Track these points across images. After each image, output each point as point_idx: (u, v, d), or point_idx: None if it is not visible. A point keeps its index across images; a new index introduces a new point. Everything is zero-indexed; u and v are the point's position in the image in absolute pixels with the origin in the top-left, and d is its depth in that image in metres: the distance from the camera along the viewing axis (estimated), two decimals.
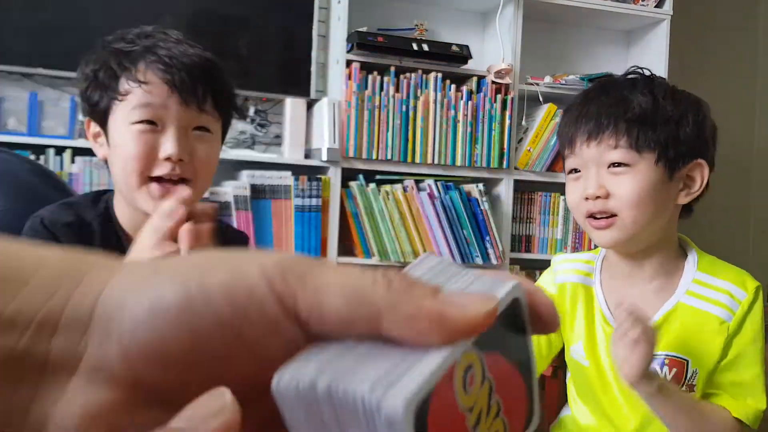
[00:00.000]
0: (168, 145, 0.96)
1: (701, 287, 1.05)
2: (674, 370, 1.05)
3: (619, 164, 1.03)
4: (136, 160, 0.96)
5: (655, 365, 1.05)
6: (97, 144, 1.04)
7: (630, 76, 1.10)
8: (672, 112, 1.03)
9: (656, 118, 1.02)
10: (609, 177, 1.04)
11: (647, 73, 1.12)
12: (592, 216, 1.05)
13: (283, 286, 0.25)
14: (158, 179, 0.98)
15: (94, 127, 1.03)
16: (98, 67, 0.99)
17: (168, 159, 0.96)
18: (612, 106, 1.03)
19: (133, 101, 0.96)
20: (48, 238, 1.01)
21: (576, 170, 1.08)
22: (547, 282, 1.20)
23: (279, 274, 0.25)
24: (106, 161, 1.04)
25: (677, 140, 1.03)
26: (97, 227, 1.04)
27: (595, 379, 1.11)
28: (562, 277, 1.18)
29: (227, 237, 1.15)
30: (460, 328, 0.25)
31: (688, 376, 1.05)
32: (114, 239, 1.05)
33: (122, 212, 1.05)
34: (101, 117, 1.01)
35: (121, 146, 0.98)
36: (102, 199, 1.09)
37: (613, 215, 1.03)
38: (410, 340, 0.24)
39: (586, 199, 1.05)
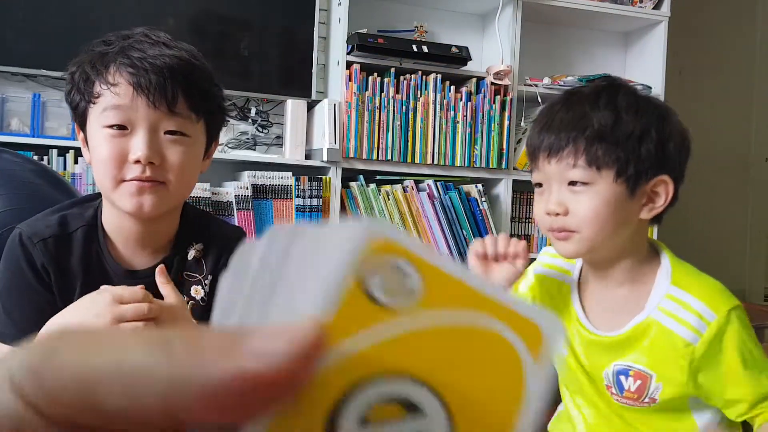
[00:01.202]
0: (136, 147, 0.95)
1: (673, 303, 1.03)
2: (638, 382, 1.04)
3: (578, 182, 1.02)
4: (107, 164, 0.96)
5: (620, 375, 1.06)
6: (85, 148, 1.03)
7: (598, 86, 1.07)
8: (633, 127, 1.01)
9: (616, 135, 1.00)
10: (569, 194, 1.03)
11: (615, 81, 1.10)
12: (553, 229, 1.06)
13: (42, 399, 0.19)
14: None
15: (81, 133, 1.03)
16: (75, 69, 0.98)
17: (137, 161, 0.95)
18: (572, 122, 1.02)
19: (104, 104, 0.95)
20: (20, 256, 1.01)
21: (540, 184, 1.08)
22: (528, 270, 1.22)
23: (31, 380, 0.19)
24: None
25: (638, 157, 1.01)
26: (80, 237, 1.03)
27: (576, 370, 1.13)
28: (540, 269, 1.20)
29: (214, 241, 1.13)
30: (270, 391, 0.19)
31: (651, 389, 1.04)
32: (95, 249, 1.04)
33: (108, 216, 1.05)
34: (81, 120, 1.00)
35: (95, 149, 0.97)
36: (92, 204, 1.08)
37: (571, 230, 1.03)
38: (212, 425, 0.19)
39: (548, 214, 1.05)
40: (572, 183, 1.03)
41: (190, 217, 1.11)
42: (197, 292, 1.09)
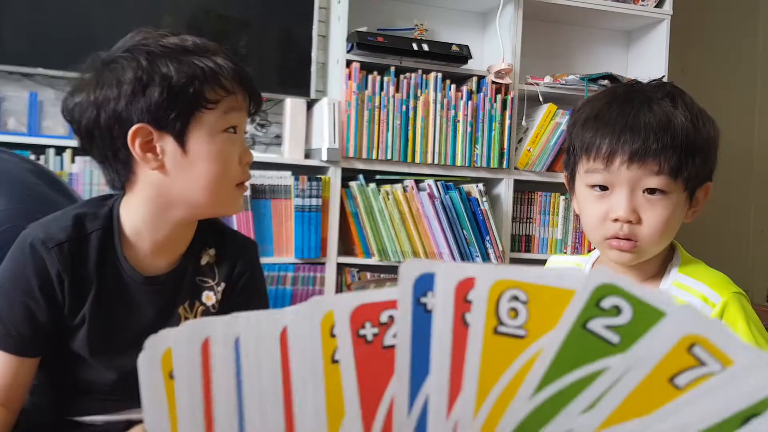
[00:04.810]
0: (243, 150, 1.04)
1: (679, 290, 1.03)
2: None
3: (656, 191, 0.98)
4: (234, 164, 1.02)
5: None
6: (148, 156, 0.98)
7: (664, 88, 1.04)
8: (706, 137, 1.00)
9: (695, 145, 0.99)
10: (642, 202, 0.99)
11: (670, 83, 1.08)
12: (616, 237, 1.01)
13: None
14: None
15: (157, 138, 0.98)
16: (183, 78, 0.97)
17: (247, 163, 1.05)
18: (660, 127, 0.97)
19: (224, 108, 1.00)
20: (27, 262, 0.98)
21: (603, 187, 1.02)
22: None
23: None
24: (157, 171, 1.00)
25: (705, 167, 1.01)
26: (95, 240, 1.02)
27: None
28: None
29: (228, 249, 1.14)
30: None
31: None
32: (111, 254, 1.04)
33: (131, 218, 1.04)
34: (178, 123, 0.98)
35: (215, 152, 1.00)
36: (106, 204, 1.06)
37: (637, 241, 1.00)
38: None
39: (615, 220, 1.00)
40: (649, 191, 0.99)
41: (203, 223, 1.12)
42: (209, 298, 1.11)
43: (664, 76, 1.10)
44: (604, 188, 1.01)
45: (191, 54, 0.99)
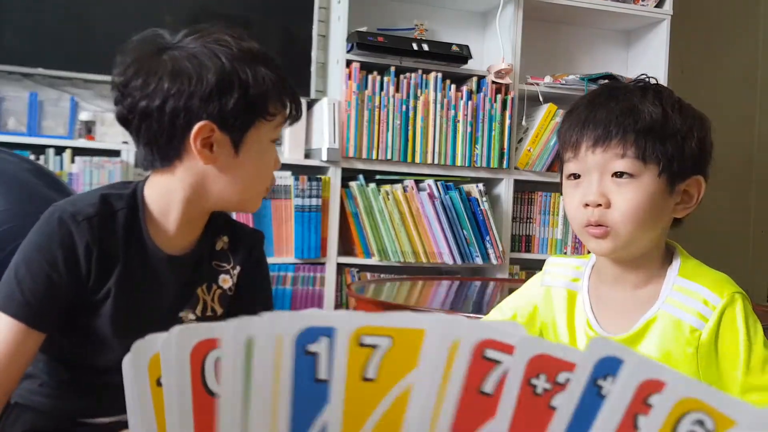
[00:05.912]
0: (276, 158, 1.12)
1: (679, 294, 1.04)
2: None
3: (623, 174, 1.02)
4: (271, 171, 1.11)
5: None
6: (205, 150, 1.02)
7: (639, 84, 1.08)
8: (680, 125, 1.03)
9: (665, 131, 1.02)
10: (612, 186, 1.02)
11: (653, 81, 1.11)
12: (590, 224, 1.03)
13: None
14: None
15: (217, 136, 1.01)
16: (258, 89, 1.02)
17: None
18: (622, 114, 1.02)
19: (278, 121, 1.07)
20: (53, 236, 1.00)
21: (576, 176, 1.06)
22: (535, 282, 1.21)
23: None
24: (208, 165, 1.05)
25: (682, 155, 1.03)
26: (122, 217, 1.05)
27: None
28: (549, 279, 1.18)
29: (242, 237, 1.20)
30: None
31: None
32: (137, 229, 1.06)
33: (161, 197, 1.06)
34: (239, 129, 1.03)
35: (260, 160, 1.08)
36: (129, 186, 1.09)
37: (608, 226, 1.02)
38: None
39: (586, 206, 1.03)
40: (617, 175, 1.02)
41: (214, 213, 1.15)
42: (225, 281, 1.16)
43: (655, 78, 1.13)
44: (577, 176, 1.06)
45: (259, 62, 1.04)
